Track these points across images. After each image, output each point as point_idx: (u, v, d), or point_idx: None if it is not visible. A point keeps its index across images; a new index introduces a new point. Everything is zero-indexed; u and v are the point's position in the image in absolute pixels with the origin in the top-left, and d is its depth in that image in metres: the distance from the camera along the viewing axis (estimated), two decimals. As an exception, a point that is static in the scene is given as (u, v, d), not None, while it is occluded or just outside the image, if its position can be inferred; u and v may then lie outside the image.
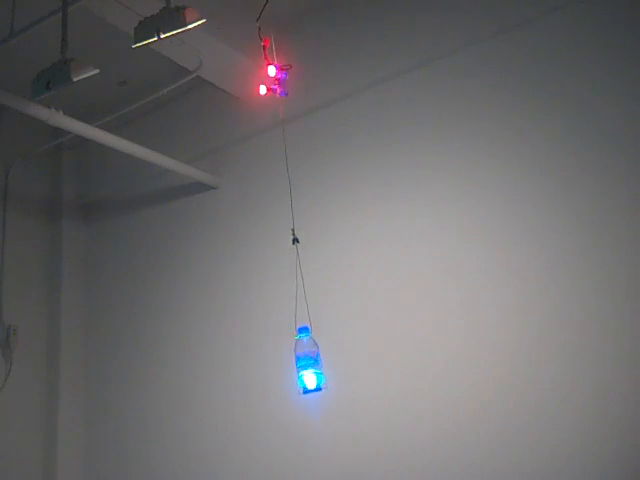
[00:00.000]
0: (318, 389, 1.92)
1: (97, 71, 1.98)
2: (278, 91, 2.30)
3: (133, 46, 1.92)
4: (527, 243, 2.27)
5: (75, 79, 1.95)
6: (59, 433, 3.18)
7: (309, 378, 1.91)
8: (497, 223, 2.35)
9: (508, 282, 2.28)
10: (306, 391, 1.93)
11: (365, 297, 2.58)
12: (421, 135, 2.58)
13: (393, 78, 2.69)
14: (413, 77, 2.64)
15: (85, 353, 3.41)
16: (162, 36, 1.87)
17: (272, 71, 2.28)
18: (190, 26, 1.85)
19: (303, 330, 2.00)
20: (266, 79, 2.34)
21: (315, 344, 1.97)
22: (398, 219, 2.57)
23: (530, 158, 2.33)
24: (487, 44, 2.49)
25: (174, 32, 1.86)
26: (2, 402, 3.05)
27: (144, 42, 1.89)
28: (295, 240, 2.20)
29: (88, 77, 1.97)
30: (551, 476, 2.08)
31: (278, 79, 2.30)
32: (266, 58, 2.27)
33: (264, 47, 2.26)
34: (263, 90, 2.33)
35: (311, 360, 1.94)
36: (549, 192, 2.27)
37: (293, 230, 2.21)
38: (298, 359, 1.96)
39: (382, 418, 2.43)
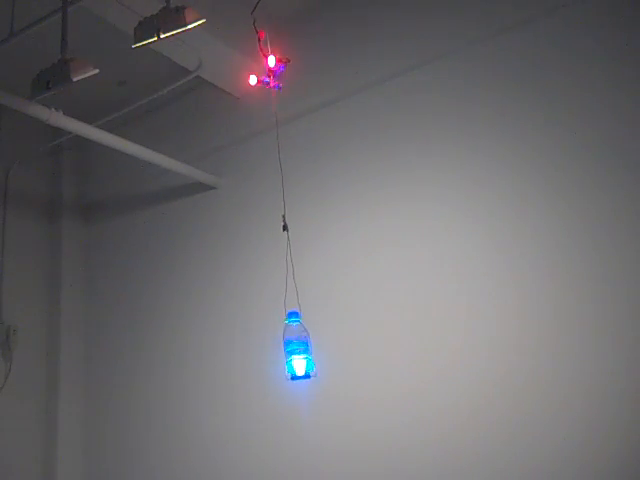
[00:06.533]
0: (307, 376, 1.80)
1: (97, 71, 1.98)
2: (272, 84, 2.25)
3: (133, 46, 1.92)
4: (527, 244, 2.27)
5: (75, 79, 1.95)
6: (59, 433, 3.18)
7: (298, 364, 1.80)
8: (496, 224, 2.35)
9: (508, 282, 2.28)
10: (294, 377, 1.81)
11: (360, 288, 2.58)
12: (421, 135, 2.58)
13: (392, 78, 2.68)
14: (412, 77, 2.64)
15: (85, 353, 3.41)
16: (162, 36, 1.87)
17: (272, 61, 2.23)
18: (190, 26, 1.86)
19: (293, 315, 1.90)
20: (259, 71, 2.29)
21: (305, 329, 1.87)
22: (396, 218, 2.57)
23: (529, 158, 2.32)
24: (486, 45, 2.48)
25: (174, 32, 1.86)
26: (2, 402, 3.05)
27: (144, 42, 1.90)
28: (285, 227, 2.15)
29: (88, 77, 1.97)
30: (551, 476, 2.07)
31: (273, 72, 2.25)
32: (261, 50, 2.23)
33: (259, 39, 2.22)
34: (253, 80, 2.28)
35: (301, 345, 1.83)
36: (549, 192, 2.26)
37: (284, 216, 2.17)
38: (287, 343, 1.84)
39: (376, 410, 2.43)
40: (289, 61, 2.26)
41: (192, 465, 2.90)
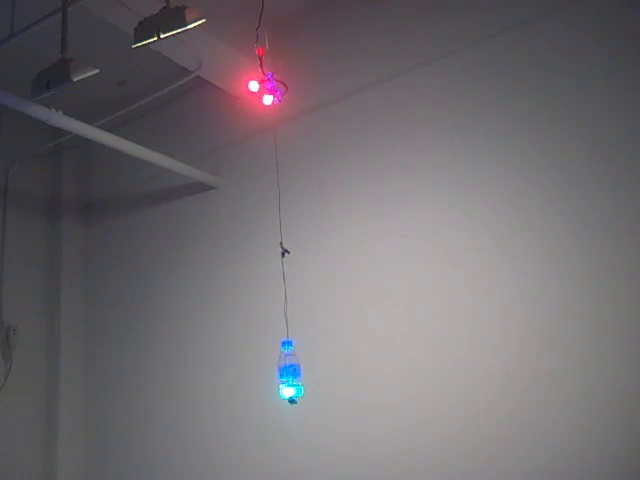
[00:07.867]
0: (293, 400, 1.99)
1: (97, 71, 1.98)
2: (276, 99, 2.23)
3: (133, 46, 1.92)
4: (528, 244, 2.27)
5: (75, 79, 1.95)
6: (59, 433, 3.18)
7: (288, 391, 1.99)
8: (497, 223, 2.34)
9: (509, 282, 2.28)
10: (291, 401, 2.01)
11: (360, 288, 2.58)
12: (421, 137, 2.58)
13: (391, 79, 2.68)
14: (412, 78, 2.64)
15: (85, 353, 3.41)
16: (162, 36, 1.87)
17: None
18: (190, 26, 1.85)
19: (285, 344, 2.06)
20: (261, 83, 2.27)
21: (296, 357, 2.03)
22: (394, 225, 2.56)
23: (530, 158, 2.32)
24: (487, 44, 2.48)
25: (174, 32, 1.86)
26: (2, 402, 3.06)
27: (144, 42, 1.89)
28: (285, 252, 2.17)
29: (88, 77, 1.97)
30: (553, 477, 2.07)
31: (273, 90, 2.23)
32: (261, 67, 2.22)
33: (259, 58, 2.21)
34: (254, 86, 2.27)
35: (289, 375, 2.01)
36: (548, 190, 2.26)
37: (281, 243, 2.19)
38: (279, 372, 2.03)
39: (377, 413, 2.43)
40: (287, 89, 2.25)
41: (192, 465, 2.90)
